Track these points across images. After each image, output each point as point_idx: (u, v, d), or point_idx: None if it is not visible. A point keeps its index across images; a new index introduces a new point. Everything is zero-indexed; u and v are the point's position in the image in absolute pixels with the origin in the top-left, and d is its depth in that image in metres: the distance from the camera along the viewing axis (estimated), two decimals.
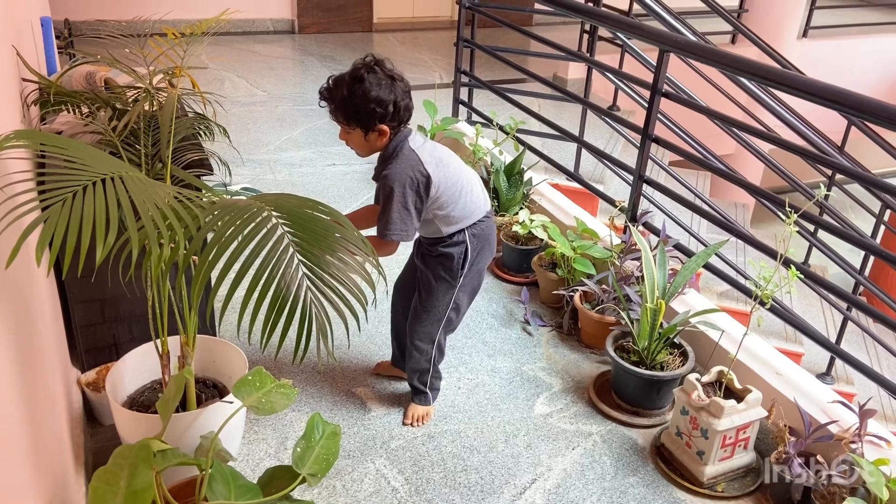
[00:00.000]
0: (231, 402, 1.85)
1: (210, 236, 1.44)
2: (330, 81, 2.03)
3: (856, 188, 4.03)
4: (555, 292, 2.96)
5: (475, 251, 2.19)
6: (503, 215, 3.34)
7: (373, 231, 2.11)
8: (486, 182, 3.61)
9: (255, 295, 1.38)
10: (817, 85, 2.18)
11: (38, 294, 1.75)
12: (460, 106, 4.35)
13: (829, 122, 3.94)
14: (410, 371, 2.36)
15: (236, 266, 1.41)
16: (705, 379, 2.24)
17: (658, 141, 2.93)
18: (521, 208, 3.31)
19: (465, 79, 4.29)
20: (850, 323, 3.35)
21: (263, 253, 1.41)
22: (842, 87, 2.11)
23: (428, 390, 2.37)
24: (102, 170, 1.38)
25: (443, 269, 2.20)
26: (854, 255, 4.12)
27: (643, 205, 3.14)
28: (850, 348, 4.04)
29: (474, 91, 4.40)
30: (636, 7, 4.57)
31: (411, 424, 2.35)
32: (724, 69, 2.68)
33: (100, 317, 2.27)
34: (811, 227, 3.68)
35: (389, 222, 2.05)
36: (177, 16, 5.86)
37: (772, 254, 2.29)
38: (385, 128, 2.02)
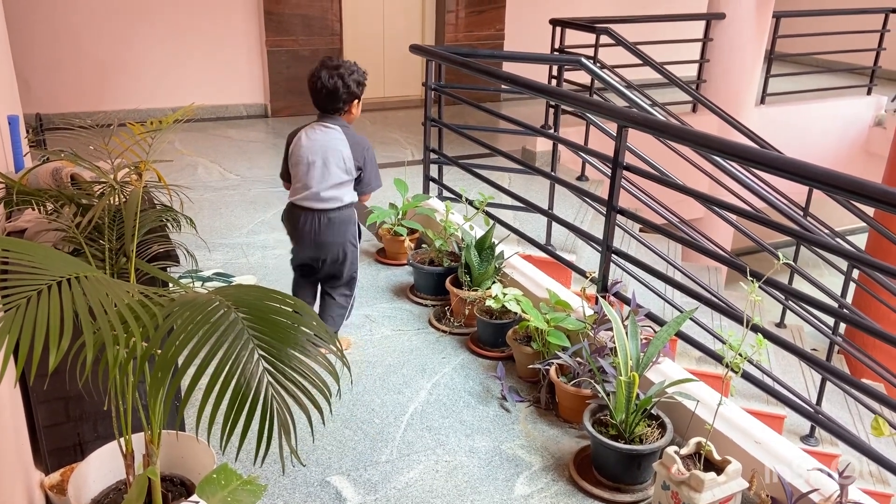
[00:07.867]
0: (196, 502, 1.79)
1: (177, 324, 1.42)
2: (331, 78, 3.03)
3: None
4: (531, 366, 2.94)
5: None
6: (476, 290, 3.34)
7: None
8: (457, 257, 3.64)
9: (215, 392, 1.36)
10: (768, 155, 2.25)
11: None
12: (430, 182, 4.42)
13: (795, 183, 4.04)
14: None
15: (198, 360, 1.38)
16: (684, 451, 2.21)
17: (623, 212, 2.98)
18: (494, 282, 3.31)
19: (434, 156, 4.36)
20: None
21: (223, 349, 1.39)
22: (788, 157, 2.18)
23: None
24: (59, 271, 1.38)
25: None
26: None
27: (616, 273, 3.16)
28: (832, 406, 4.03)
29: (444, 167, 4.48)
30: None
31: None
32: (676, 141, 2.76)
33: (64, 416, 2.21)
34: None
35: None
36: (151, 104, 5.98)
37: (742, 319, 2.30)
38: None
